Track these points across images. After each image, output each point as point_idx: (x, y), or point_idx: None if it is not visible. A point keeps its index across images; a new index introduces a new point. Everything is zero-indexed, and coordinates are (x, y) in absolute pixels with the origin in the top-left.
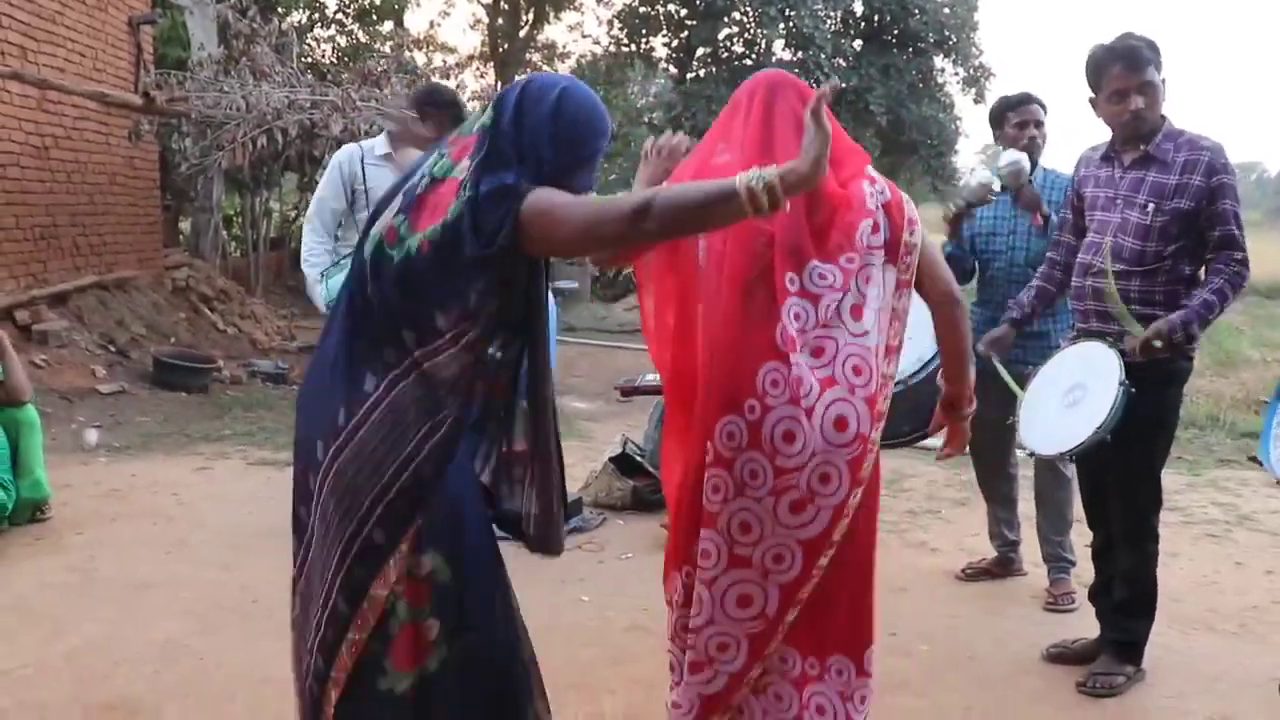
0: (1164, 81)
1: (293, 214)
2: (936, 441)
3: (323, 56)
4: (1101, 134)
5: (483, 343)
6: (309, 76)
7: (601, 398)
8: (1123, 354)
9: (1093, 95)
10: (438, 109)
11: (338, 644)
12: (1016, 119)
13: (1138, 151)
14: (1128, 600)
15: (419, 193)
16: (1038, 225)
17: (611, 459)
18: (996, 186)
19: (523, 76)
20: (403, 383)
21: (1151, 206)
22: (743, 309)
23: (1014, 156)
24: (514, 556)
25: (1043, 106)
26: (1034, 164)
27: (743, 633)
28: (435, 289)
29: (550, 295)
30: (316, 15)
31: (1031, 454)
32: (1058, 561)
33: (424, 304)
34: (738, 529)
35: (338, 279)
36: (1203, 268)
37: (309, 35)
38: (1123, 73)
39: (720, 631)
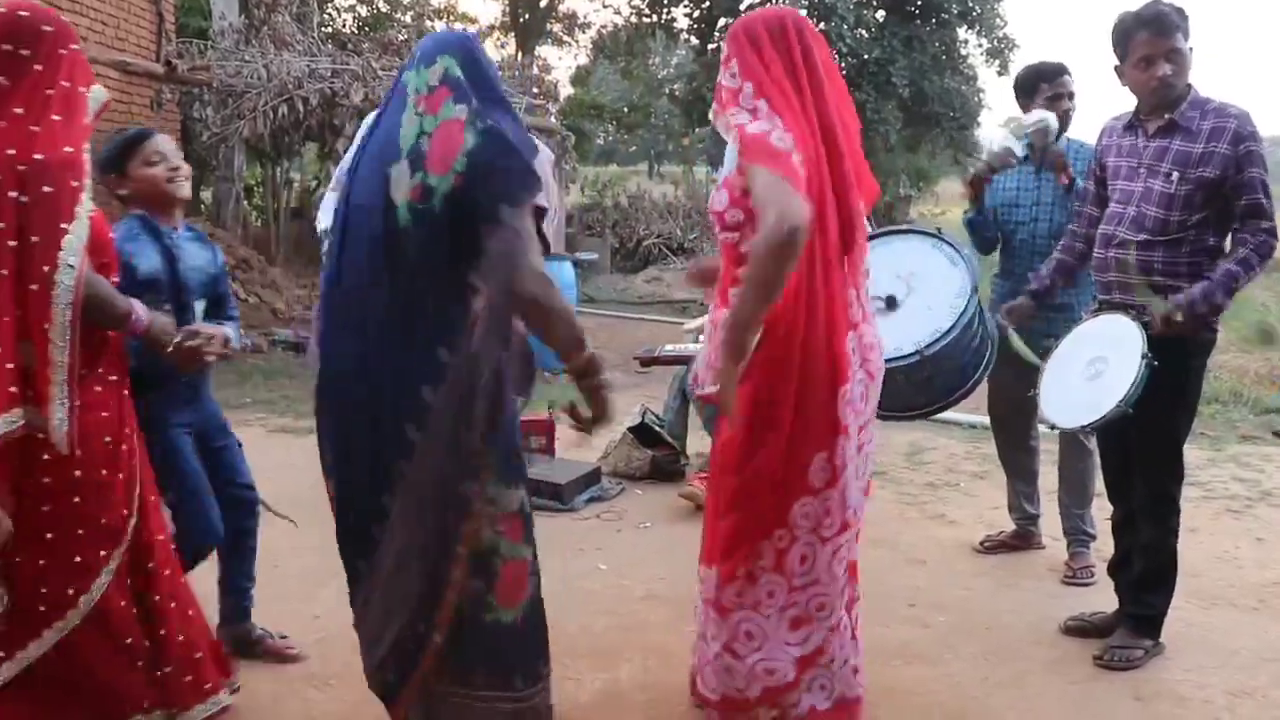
0: (1191, 50)
1: (313, 184)
2: (955, 415)
3: (343, 26)
4: (1125, 106)
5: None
6: (330, 46)
7: (620, 369)
8: (1145, 326)
9: (1118, 63)
10: None
11: (439, 592)
12: (1051, 91)
13: (1162, 120)
14: (1147, 574)
15: (424, 149)
16: (1062, 184)
17: (630, 429)
18: (1019, 151)
19: (443, 30)
20: (469, 340)
21: (1176, 175)
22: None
23: (1042, 114)
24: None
25: (1071, 77)
26: (1061, 134)
27: (837, 591)
28: (480, 208)
29: (569, 265)
30: None
31: (1052, 427)
32: (1078, 535)
33: (471, 231)
34: (854, 493)
35: None
36: (1228, 237)
37: (329, 4)
38: (1150, 38)
39: (822, 592)
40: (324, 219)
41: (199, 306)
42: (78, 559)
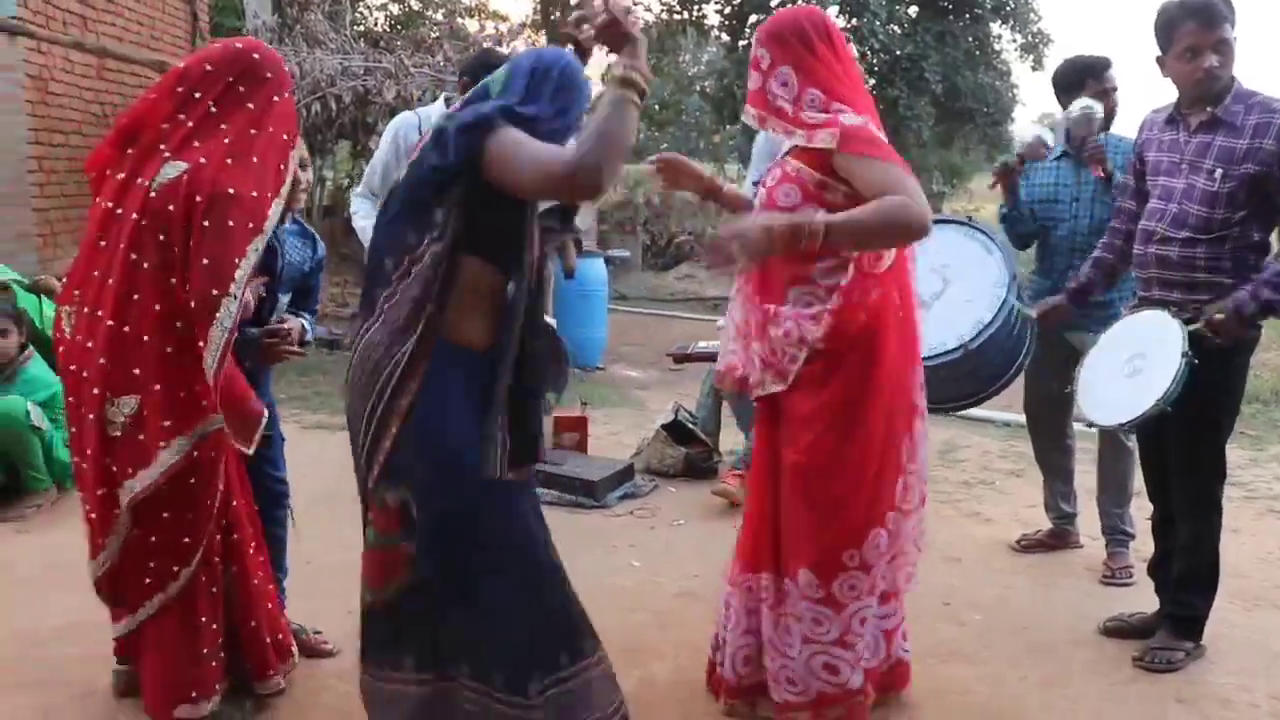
0: (1235, 41)
1: (345, 182)
2: (989, 412)
3: (375, 24)
4: (1158, 100)
5: (451, 266)
6: (362, 44)
7: (654, 366)
8: (1186, 323)
9: (1161, 54)
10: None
11: None
12: (1096, 87)
13: (1205, 114)
14: (1188, 574)
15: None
16: (1098, 177)
17: (664, 426)
18: (1050, 140)
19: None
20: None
21: (1219, 172)
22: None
23: (1088, 102)
24: (566, 525)
25: (1114, 72)
26: (1105, 130)
27: (914, 562)
28: (407, 207)
29: (600, 262)
30: None
31: (1090, 424)
32: (1117, 534)
33: (396, 224)
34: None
35: None
36: (1273, 233)
37: (362, 3)
38: (1197, 28)
39: (908, 563)
40: (361, 217)
41: (284, 299)
42: (186, 539)
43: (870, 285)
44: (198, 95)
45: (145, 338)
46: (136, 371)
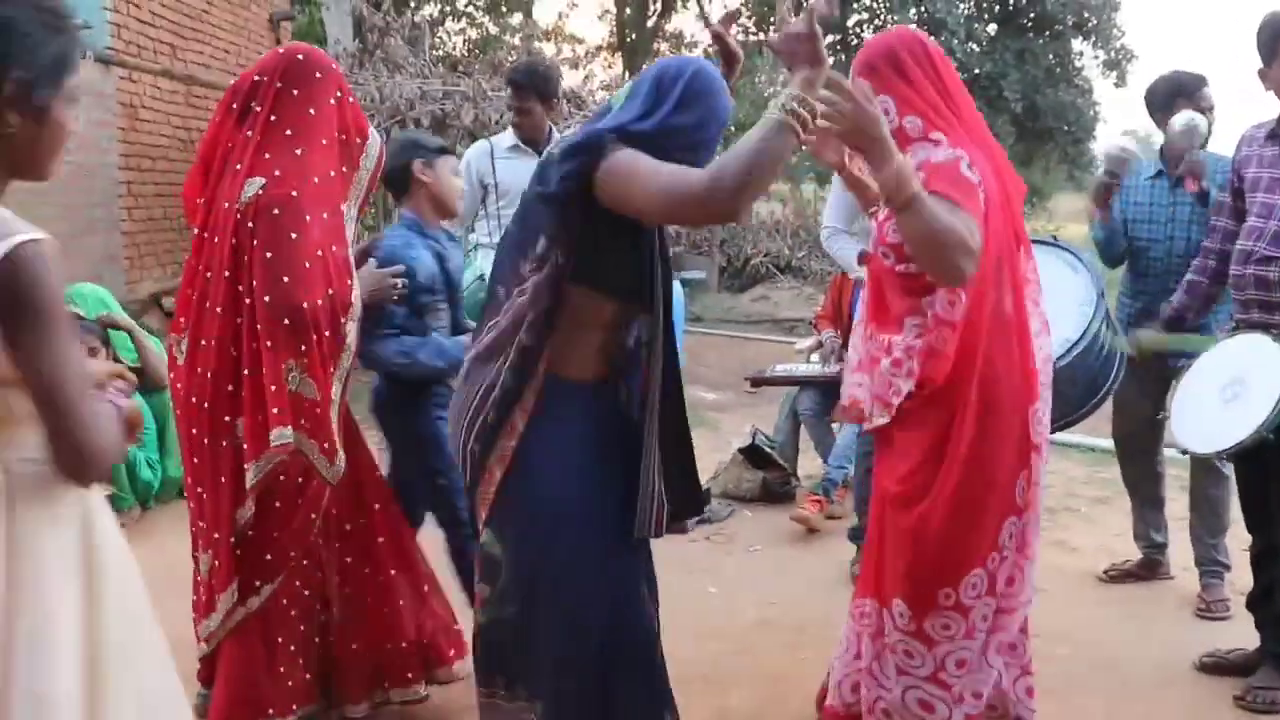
0: None
1: None
2: (1074, 436)
3: (454, 49)
4: (1249, 119)
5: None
6: (440, 68)
7: (730, 388)
8: None
9: (1263, 66)
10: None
11: None
12: (1191, 105)
13: None
14: None
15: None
16: (1192, 193)
17: (741, 450)
18: (1133, 146)
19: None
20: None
21: None
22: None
23: (1192, 115)
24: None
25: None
26: (1202, 148)
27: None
28: (518, 236)
29: (677, 284)
30: (448, 8)
31: (1184, 451)
32: (1211, 565)
33: (509, 252)
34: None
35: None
36: None
37: (440, 28)
38: None
39: (1027, 611)
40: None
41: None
42: (269, 556)
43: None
44: (256, 107)
45: (247, 361)
46: (243, 394)
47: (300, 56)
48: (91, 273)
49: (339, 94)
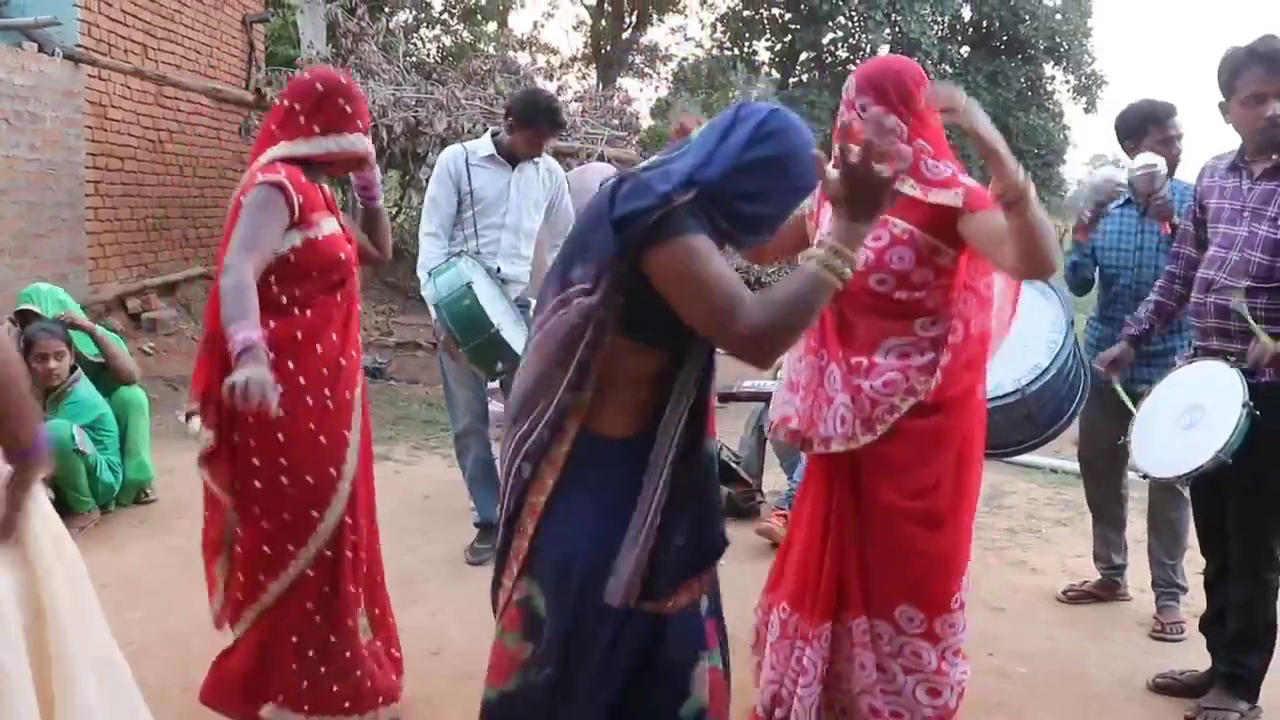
0: None
1: (394, 210)
2: (1037, 458)
3: (428, 56)
4: (1218, 146)
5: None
6: (414, 75)
7: None
8: (1246, 374)
9: (1224, 99)
10: (522, 121)
11: None
12: (1160, 134)
13: (1269, 162)
14: (1242, 633)
15: None
16: (1166, 234)
17: None
18: (1122, 179)
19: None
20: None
21: None
22: None
23: (1151, 159)
24: None
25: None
26: (1169, 178)
27: None
28: (574, 247)
29: None
30: (422, 15)
31: (1144, 476)
32: (1168, 587)
33: (563, 261)
34: None
35: (445, 277)
36: None
37: (415, 35)
38: (1263, 76)
39: None
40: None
41: None
42: (286, 515)
43: (973, 340)
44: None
45: None
46: None
47: (319, 86)
48: (55, 272)
49: (338, 102)
